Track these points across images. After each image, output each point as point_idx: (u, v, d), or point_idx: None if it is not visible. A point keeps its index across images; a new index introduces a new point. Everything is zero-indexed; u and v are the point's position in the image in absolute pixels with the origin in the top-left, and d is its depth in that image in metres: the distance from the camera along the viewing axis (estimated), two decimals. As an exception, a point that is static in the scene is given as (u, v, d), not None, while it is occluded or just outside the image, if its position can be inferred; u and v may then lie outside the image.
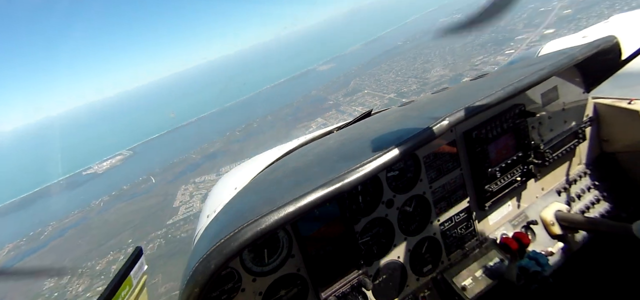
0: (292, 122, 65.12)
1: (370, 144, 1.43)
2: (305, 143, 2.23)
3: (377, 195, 1.90)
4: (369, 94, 63.32)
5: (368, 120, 2.28)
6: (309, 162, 1.63)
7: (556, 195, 2.35)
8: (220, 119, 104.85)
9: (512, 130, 2.11)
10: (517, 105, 2.10)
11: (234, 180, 1.93)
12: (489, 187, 2.08)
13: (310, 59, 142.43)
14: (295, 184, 1.31)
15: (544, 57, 2.23)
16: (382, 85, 65.16)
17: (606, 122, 2.40)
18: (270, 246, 1.71)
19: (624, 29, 2.41)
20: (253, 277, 1.68)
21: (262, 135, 62.83)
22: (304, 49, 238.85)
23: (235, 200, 1.68)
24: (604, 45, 1.97)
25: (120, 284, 1.49)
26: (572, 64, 1.86)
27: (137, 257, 1.64)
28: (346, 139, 1.85)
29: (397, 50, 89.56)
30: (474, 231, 2.16)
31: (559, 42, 2.69)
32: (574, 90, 2.35)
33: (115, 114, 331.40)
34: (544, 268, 1.82)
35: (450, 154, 2.05)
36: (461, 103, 1.58)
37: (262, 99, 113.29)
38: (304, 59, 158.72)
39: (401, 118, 1.88)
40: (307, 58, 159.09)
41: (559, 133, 2.28)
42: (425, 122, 1.46)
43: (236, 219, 1.22)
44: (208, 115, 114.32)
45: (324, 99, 73.64)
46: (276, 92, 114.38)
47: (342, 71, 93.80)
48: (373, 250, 1.93)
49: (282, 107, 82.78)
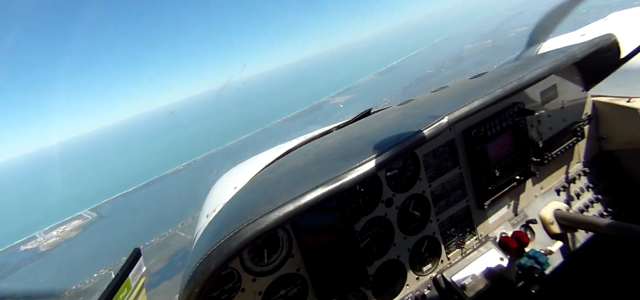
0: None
1: (370, 143, 1.44)
2: (304, 142, 2.23)
3: (376, 194, 1.89)
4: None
5: (367, 119, 2.28)
6: (309, 162, 1.63)
7: (555, 194, 2.34)
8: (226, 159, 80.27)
9: (511, 128, 2.11)
10: (516, 103, 2.10)
11: (234, 180, 1.92)
12: (488, 186, 2.08)
13: (319, 91, 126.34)
14: (294, 183, 1.31)
15: (543, 56, 2.25)
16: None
17: (605, 120, 2.40)
18: (270, 246, 1.70)
19: (622, 27, 2.43)
20: (253, 277, 1.67)
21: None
22: (308, 79, 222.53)
23: (234, 199, 1.68)
24: (603, 43, 1.99)
25: (119, 287, 1.48)
26: (571, 62, 1.88)
27: (135, 258, 1.61)
28: (345, 138, 1.85)
29: (432, 78, 75.86)
30: (474, 230, 2.16)
31: (558, 40, 2.72)
32: (573, 88, 2.35)
33: (74, 159, 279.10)
34: (543, 267, 1.82)
35: (450, 152, 2.05)
36: (460, 101, 1.59)
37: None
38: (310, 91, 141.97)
39: (400, 117, 1.89)
40: (313, 90, 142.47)
41: (558, 131, 2.29)
42: (424, 121, 1.47)
43: (236, 218, 1.22)
44: (208, 155, 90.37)
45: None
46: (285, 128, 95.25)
47: (359, 102, 77.54)
48: (372, 250, 1.93)
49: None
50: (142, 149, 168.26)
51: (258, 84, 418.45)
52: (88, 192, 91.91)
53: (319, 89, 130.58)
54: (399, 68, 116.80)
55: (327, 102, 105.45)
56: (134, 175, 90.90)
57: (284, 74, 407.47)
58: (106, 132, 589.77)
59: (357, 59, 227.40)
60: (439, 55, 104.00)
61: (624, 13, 2.90)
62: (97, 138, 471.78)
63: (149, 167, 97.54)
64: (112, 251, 41.78)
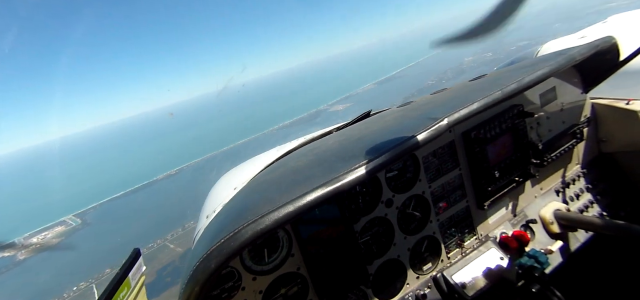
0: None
1: (369, 144, 1.44)
2: (304, 143, 2.23)
3: (376, 194, 1.90)
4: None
5: (367, 121, 2.29)
6: (309, 162, 1.63)
7: (555, 195, 2.36)
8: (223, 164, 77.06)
9: (510, 130, 2.12)
10: (515, 105, 2.11)
11: (234, 180, 1.92)
12: (488, 187, 2.09)
13: (317, 98, 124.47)
14: (294, 184, 1.31)
15: (543, 58, 2.25)
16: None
17: (604, 122, 2.41)
18: (270, 245, 1.71)
19: (622, 29, 2.42)
20: (253, 276, 1.68)
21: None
22: (306, 86, 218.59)
23: (234, 200, 1.69)
24: (602, 46, 1.99)
25: (119, 286, 1.48)
26: (570, 65, 1.88)
27: (135, 258, 1.58)
28: (345, 139, 1.85)
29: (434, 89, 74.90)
30: (474, 230, 2.17)
31: (558, 42, 2.72)
32: (572, 90, 2.36)
33: (63, 159, 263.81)
34: (543, 266, 1.82)
35: (450, 154, 2.06)
36: (460, 103, 1.60)
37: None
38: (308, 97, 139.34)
39: (400, 119, 1.89)
40: (312, 97, 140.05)
41: (558, 133, 2.30)
42: (424, 123, 1.48)
43: (236, 218, 1.23)
44: (203, 160, 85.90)
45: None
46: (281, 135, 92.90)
47: (359, 111, 75.62)
48: (373, 249, 1.93)
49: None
50: (136, 151, 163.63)
51: (256, 89, 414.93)
52: (74, 195, 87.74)
53: (317, 96, 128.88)
54: (399, 78, 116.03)
55: (325, 110, 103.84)
56: (125, 178, 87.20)
57: (282, 80, 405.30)
58: (99, 131, 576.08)
59: (356, 66, 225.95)
60: (439, 65, 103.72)
61: (624, 15, 2.91)
62: (90, 138, 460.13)
63: (142, 170, 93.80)
64: (95, 262, 38.81)
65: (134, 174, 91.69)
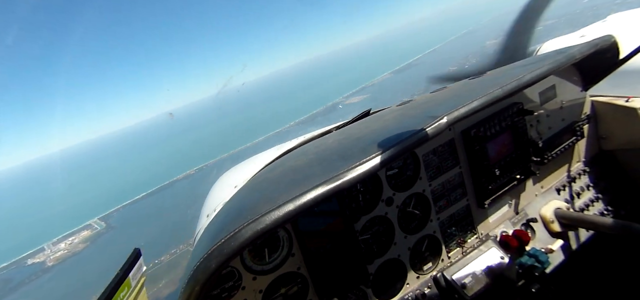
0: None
1: (369, 143, 1.44)
2: (304, 142, 2.22)
3: (376, 193, 1.90)
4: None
5: (367, 120, 2.29)
6: (309, 161, 1.64)
7: (555, 193, 2.35)
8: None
9: (510, 128, 2.12)
10: (515, 103, 2.11)
11: (234, 180, 1.92)
12: (488, 185, 2.09)
13: (331, 91, 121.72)
14: (294, 183, 1.32)
15: (542, 56, 2.25)
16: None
17: (604, 119, 2.41)
18: (270, 245, 1.71)
19: (621, 28, 2.45)
20: (253, 275, 1.68)
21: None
22: (320, 79, 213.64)
23: (234, 199, 1.68)
24: (602, 44, 1.99)
25: (119, 286, 1.48)
26: (570, 63, 1.88)
27: (135, 258, 1.61)
28: (345, 138, 1.86)
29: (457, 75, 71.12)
30: (474, 229, 2.16)
31: (557, 41, 2.74)
32: (572, 88, 2.36)
33: (78, 166, 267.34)
34: (544, 265, 1.82)
35: (450, 152, 2.06)
36: (459, 101, 1.60)
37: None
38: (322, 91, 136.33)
39: (400, 117, 1.89)
40: (325, 90, 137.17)
41: (558, 131, 2.29)
42: (423, 121, 1.48)
43: (236, 218, 1.23)
44: (217, 161, 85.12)
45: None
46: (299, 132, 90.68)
47: (376, 102, 73.11)
48: (373, 249, 1.93)
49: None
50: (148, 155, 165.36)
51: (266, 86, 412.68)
52: (94, 199, 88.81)
53: (332, 90, 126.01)
54: (416, 66, 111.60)
55: (341, 103, 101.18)
56: (146, 180, 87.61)
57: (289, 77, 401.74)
58: (108, 139, 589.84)
59: (371, 57, 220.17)
60: (458, 52, 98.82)
61: (624, 14, 2.92)
62: (100, 145, 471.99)
63: (160, 172, 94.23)
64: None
65: (154, 174, 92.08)
